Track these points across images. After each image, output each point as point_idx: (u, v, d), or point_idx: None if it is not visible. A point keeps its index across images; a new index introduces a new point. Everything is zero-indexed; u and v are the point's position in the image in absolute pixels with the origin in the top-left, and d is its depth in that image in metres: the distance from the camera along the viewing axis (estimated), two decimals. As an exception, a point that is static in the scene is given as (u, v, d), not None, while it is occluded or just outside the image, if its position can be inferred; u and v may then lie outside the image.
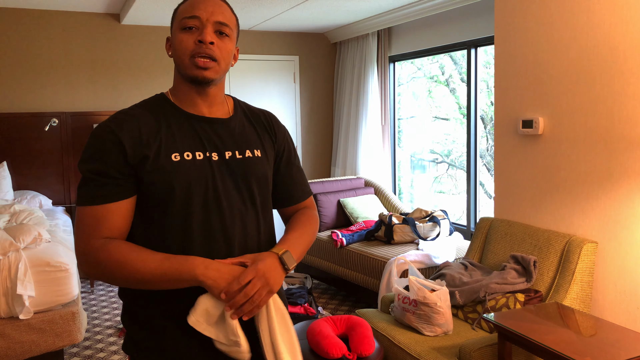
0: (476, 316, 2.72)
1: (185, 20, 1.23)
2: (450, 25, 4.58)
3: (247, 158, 1.30)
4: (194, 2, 1.25)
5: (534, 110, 2.94)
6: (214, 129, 1.29)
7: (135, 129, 1.21)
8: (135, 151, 1.19)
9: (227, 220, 1.25)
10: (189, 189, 1.21)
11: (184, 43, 1.23)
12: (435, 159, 5.66)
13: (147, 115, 1.25)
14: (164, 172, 1.20)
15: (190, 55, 1.22)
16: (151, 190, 1.20)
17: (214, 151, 1.27)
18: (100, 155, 1.18)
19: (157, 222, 1.22)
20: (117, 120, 1.22)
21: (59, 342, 3.10)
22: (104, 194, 1.17)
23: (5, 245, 2.97)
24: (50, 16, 4.96)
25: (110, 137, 1.19)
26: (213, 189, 1.24)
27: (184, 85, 1.28)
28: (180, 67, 1.25)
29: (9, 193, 4.44)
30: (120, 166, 1.18)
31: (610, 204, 2.57)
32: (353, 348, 2.50)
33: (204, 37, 1.22)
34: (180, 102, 1.29)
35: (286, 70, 5.97)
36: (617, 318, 2.55)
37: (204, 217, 1.23)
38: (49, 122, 4.92)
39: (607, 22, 2.53)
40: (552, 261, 2.69)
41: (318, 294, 4.56)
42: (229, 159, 1.28)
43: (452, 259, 3.72)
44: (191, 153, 1.23)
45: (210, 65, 1.23)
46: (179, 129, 1.25)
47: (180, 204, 1.21)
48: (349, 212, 4.58)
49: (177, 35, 1.25)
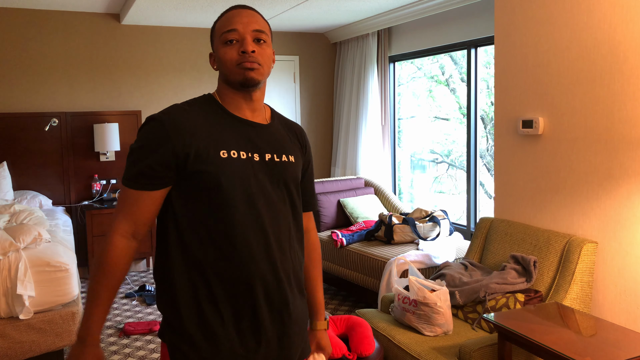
0: (476, 316, 2.72)
1: (225, 35, 1.35)
2: (450, 25, 4.57)
3: (284, 162, 1.42)
4: (230, 16, 1.37)
5: (534, 110, 2.94)
6: (257, 133, 1.40)
7: (186, 124, 1.31)
8: (184, 147, 1.29)
9: (264, 215, 1.35)
10: (233, 183, 1.32)
11: (227, 55, 1.35)
12: (435, 159, 5.66)
13: (198, 111, 1.35)
14: (213, 165, 1.30)
15: (236, 64, 1.34)
16: (199, 181, 1.30)
17: (256, 152, 1.38)
18: (148, 144, 1.30)
19: (201, 211, 1.32)
20: (169, 114, 1.32)
21: (59, 342, 3.10)
22: (144, 182, 1.30)
23: (5, 245, 2.97)
24: (50, 16, 4.96)
25: (161, 127, 1.29)
26: (254, 185, 1.35)
27: (229, 91, 1.39)
28: (228, 76, 1.36)
29: (9, 193, 4.44)
30: (165, 160, 1.29)
31: (610, 204, 2.57)
32: (353, 348, 2.50)
33: (246, 47, 1.33)
34: (228, 105, 1.40)
35: (286, 70, 5.97)
36: (617, 318, 2.55)
37: (244, 211, 1.33)
38: (49, 122, 4.92)
39: (607, 22, 2.53)
40: (552, 261, 2.69)
41: (318, 294, 4.55)
42: (268, 161, 1.39)
43: (452, 259, 3.72)
44: (236, 152, 1.34)
45: (256, 66, 1.34)
46: (226, 129, 1.36)
47: (225, 196, 1.31)
48: (349, 212, 4.58)
49: (220, 49, 1.36)
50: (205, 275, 1.32)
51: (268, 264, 1.34)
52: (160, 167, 1.29)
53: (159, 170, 1.29)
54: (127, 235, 1.32)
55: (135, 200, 1.31)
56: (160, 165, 1.29)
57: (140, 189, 1.30)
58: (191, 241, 1.32)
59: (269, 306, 1.35)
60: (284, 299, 1.38)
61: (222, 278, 1.32)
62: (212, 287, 1.32)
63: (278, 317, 1.37)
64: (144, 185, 1.30)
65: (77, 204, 5.08)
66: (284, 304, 1.38)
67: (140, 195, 1.31)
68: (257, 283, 1.33)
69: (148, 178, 1.30)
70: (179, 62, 5.48)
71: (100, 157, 5.16)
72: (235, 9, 1.39)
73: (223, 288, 1.32)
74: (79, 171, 5.09)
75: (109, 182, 5.18)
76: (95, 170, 5.14)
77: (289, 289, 1.39)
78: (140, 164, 1.30)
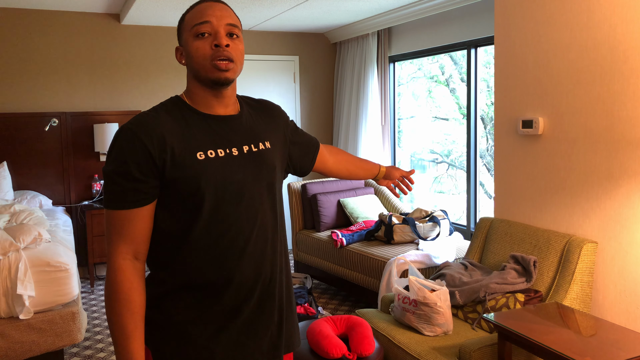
0: (476, 316, 2.72)
1: (197, 27, 1.28)
2: (450, 25, 4.57)
3: (261, 150, 1.39)
4: (202, 8, 1.31)
5: (534, 110, 2.94)
6: (230, 126, 1.35)
7: (157, 130, 1.25)
8: (160, 152, 1.23)
9: (251, 210, 1.33)
10: (216, 184, 1.27)
11: (200, 50, 1.28)
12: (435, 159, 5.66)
13: (166, 116, 1.29)
14: (192, 170, 1.25)
15: (210, 60, 1.27)
16: (181, 188, 1.25)
17: (233, 147, 1.33)
18: (124, 158, 1.23)
19: (187, 218, 1.27)
20: (138, 122, 1.26)
21: (59, 342, 3.10)
22: (131, 199, 1.23)
23: (5, 245, 2.97)
24: (50, 16, 4.96)
25: (133, 139, 1.23)
26: (238, 181, 1.31)
27: (199, 89, 1.33)
28: (200, 72, 1.30)
29: (9, 193, 4.44)
30: (145, 168, 1.23)
31: (610, 204, 2.57)
32: (353, 348, 2.50)
33: (220, 40, 1.27)
34: (197, 104, 1.34)
35: (286, 70, 5.97)
36: (617, 318, 2.55)
37: (233, 209, 1.30)
38: (49, 122, 4.92)
39: (607, 22, 2.53)
40: (552, 261, 2.69)
41: (318, 294, 4.56)
42: (247, 153, 1.35)
43: (452, 259, 3.72)
44: (213, 151, 1.30)
45: (230, 67, 1.29)
46: (198, 129, 1.30)
47: (211, 198, 1.27)
48: (349, 212, 4.58)
49: (191, 42, 1.30)
50: (196, 279, 1.28)
51: (254, 261, 1.33)
52: (145, 179, 1.23)
53: (144, 182, 1.23)
54: (128, 257, 1.26)
55: (127, 220, 1.24)
56: (145, 177, 1.23)
57: (129, 207, 1.24)
58: (179, 252, 1.28)
59: (261, 305, 1.35)
60: (272, 295, 1.37)
61: (213, 282, 1.29)
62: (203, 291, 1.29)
63: (267, 313, 1.37)
64: (133, 203, 1.24)
65: (77, 204, 5.08)
66: (274, 299, 1.38)
67: (130, 215, 1.24)
68: (245, 282, 1.31)
69: (135, 194, 1.23)
70: (179, 62, 5.48)
71: (101, 157, 5.16)
72: (206, 2, 1.32)
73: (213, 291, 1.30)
74: (79, 171, 5.09)
75: (109, 182, 5.18)
76: (95, 170, 5.14)
77: (280, 284, 1.40)
78: (123, 181, 1.23)
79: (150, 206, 1.26)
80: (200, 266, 1.28)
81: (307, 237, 4.60)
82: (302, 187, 4.76)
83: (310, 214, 4.70)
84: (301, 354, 2.55)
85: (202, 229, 1.27)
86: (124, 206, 1.24)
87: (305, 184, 4.76)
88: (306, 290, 4.08)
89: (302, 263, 4.73)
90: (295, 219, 4.79)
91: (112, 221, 1.25)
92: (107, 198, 1.26)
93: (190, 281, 1.29)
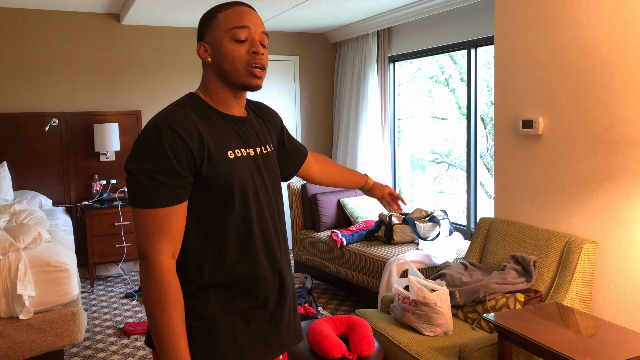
0: (476, 316, 2.72)
1: (236, 30, 1.31)
2: (450, 25, 4.57)
3: (268, 152, 1.44)
4: (240, 12, 1.34)
5: (534, 110, 2.94)
6: (246, 128, 1.40)
7: (193, 127, 1.25)
8: (200, 150, 1.24)
9: (266, 208, 1.38)
10: (245, 182, 1.32)
11: (237, 52, 1.31)
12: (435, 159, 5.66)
13: (195, 115, 1.30)
14: (226, 168, 1.28)
15: (245, 65, 1.32)
16: (214, 186, 1.27)
17: (250, 147, 1.38)
18: (166, 153, 1.20)
19: (219, 215, 1.29)
20: (173, 118, 1.24)
21: (59, 342, 3.10)
22: (171, 196, 1.22)
23: (5, 245, 2.97)
24: (50, 16, 4.96)
25: (173, 135, 1.22)
26: (257, 181, 1.36)
27: (222, 89, 1.36)
28: (232, 74, 1.32)
29: (9, 193, 4.44)
30: (186, 165, 1.22)
31: (610, 204, 2.57)
32: (353, 348, 2.50)
33: (258, 48, 1.33)
34: (216, 104, 1.37)
35: (286, 70, 5.97)
36: (617, 318, 2.55)
37: (256, 207, 1.35)
38: (49, 122, 4.92)
39: (607, 22, 2.53)
40: (552, 261, 2.69)
41: (318, 294, 4.56)
42: (259, 154, 1.40)
43: (452, 259, 3.72)
44: (239, 150, 1.34)
45: (263, 75, 1.35)
46: (223, 129, 1.33)
47: (240, 197, 1.30)
48: (349, 212, 4.58)
49: (227, 43, 1.32)
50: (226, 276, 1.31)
51: (272, 257, 1.38)
52: (187, 174, 1.23)
53: (186, 178, 1.23)
54: (170, 256, 1.24)
55: (169, 218, 1.22)
56: (187, 172, 1.23)
57: (172, 204, 1.22)
58: (208, 250, 1.30)
59: (279, 298, 1.40)
60: (287, 288, 1.42)
61: (241, 278, 1.32)
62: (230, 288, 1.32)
63: (284, 305, 1.42)
64: (175, 199, 1.23)
65: (77, 204, 5.08)
66: (289, 292, 1.43)
67: (172, 212, 1.23)
68: (268, 276, 1.36)
69: (177, 190, 1.23)
70: (179, 62, 5.48)
71: (101, 157, 5.16)
72: (242, 6, 1.36)
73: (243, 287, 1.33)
74: (79, 171, 5.09)
75: (109, 182, 5.18)
76: (95, 170, 5.14)
77: (289, 279, 1.44)
78: (164, 177, 1.21)
79: (186, 203, 1.27)
80: (231, 263, 1.31)
81: (307, 237, 4.60)
82: (302, 187, 4.76)
83: (310, 214, 4.70)
84: (301, 354, 2.55)
85: (232, 227, 1.30)
86: (167, 203, 1.22)
87: (306, 184, 4.76)
88: (306, 290, 4.08)
89: (302, 263, 4.73)
90: (295, 219, 4.79)
91: (151, 220, 1.21)
92: (143, 196, 1.21)
93: (220, 279, 1.30)
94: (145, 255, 1.22)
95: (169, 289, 1.21)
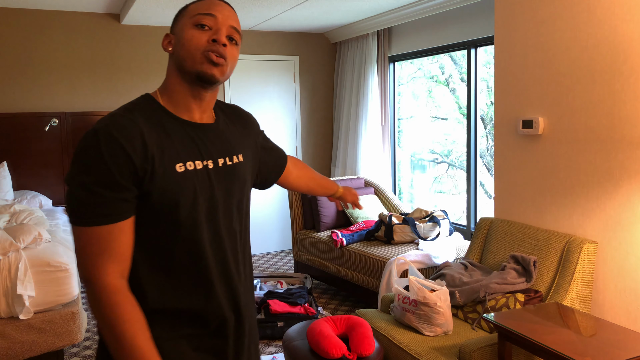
0: (476, 316, 2.72)
1: (200, 17, 1.19)
2: (450, 25, 4.57)
3: (235, 164, 1.29)
4: (212, 3, 1.23)
5: (534, 110, 2.94)
6: (207, 136, 1.24)
7: (137, 135, 1.11)
8: (143, 162, 1.10)
9: (224, 229, 1.24)
10: (195, 199, 1.17)
11: (195, 39, 1.18)
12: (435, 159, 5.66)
13: (142, 120, 1.15)
14: (170, 183, 1.13)
15: (202, 51, 1.17)
16: (160, 203, 1.13)
17: (209, 159, 1.22)
18: (107, 165, 1.07)
19: (164, 237, 1.15)
20: (115, 125, 1.11)
21: (59, 342, 3.09)
22: (114, 211, 1.09)
23: (5, 245, 2.97)
24: (50, 16, 4.96)
25: (113, 144, 1.08)
26: (214, 197, 1.21)
27: (180, 86, 1.21)
28: (186, 62, 1.18)
29: (9, 193, 4.44)
30: (128, 177, 1.09)
31: (610, 204, 2.57)
32: (353, 348, 2.50)
33: (220, 37, 1.18)
34: (174, 106, 1.22)
35: (286, 70, 5.97)
36: (617, 318, 2.55)
37: (209, 227, 1.20)
38: (49, 122, 4.91)
39: (607, 22, 2.53)
40: (552, 261, 2.69)
41: (318, 294, 4.56)
42: (222, 167, 1.25)
43: (452, 259, 3.72)
44: (192, 162, 1.18)
45: (221, 62, 1.18)
46: (177, 137, 1.18)
47: (188, 217, 1.16)
48: (349, 212, 4.58)
49: (187, 30, 1.19)
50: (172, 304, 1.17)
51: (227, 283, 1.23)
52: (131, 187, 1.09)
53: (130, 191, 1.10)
54: (118, 277, 1.10)
55: (113, 236, 1.09)
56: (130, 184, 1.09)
57: (116, 220, 1.09)
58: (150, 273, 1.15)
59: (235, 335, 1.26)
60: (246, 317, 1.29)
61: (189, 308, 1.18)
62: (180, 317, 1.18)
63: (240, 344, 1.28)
64: (120, 215, 1.09)
65: (77, 204, 5.08)
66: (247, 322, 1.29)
67: (116, 229, 1.09)
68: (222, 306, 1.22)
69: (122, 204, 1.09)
70: (179, 62, 5.48)
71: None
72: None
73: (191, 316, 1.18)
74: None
75: (109, 182, 5.18)
76: (95, 170, 5.14)
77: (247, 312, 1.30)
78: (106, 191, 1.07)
79: (132, 219, 1.12)
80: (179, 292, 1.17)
81: (307, 237, 4.60)
82: (302, 187, 4.76)
83: (310, 214, 4.70)
84: (301, 354, 2.55)
85: (179, 251, 1.16)
86: (110, 220, 1.08)
87: (305, 184, 4.76)
88: (306, 290, 4.08)
89: (302, 263, 4.73)
90: (295, 219, 4.79)
91: (93, 239, 1.08)
92: (83, 213, 1.08)
93: (165, 306, 1.16)
94: (90, 280, 1.08)
95: (125, 310, 1.08)
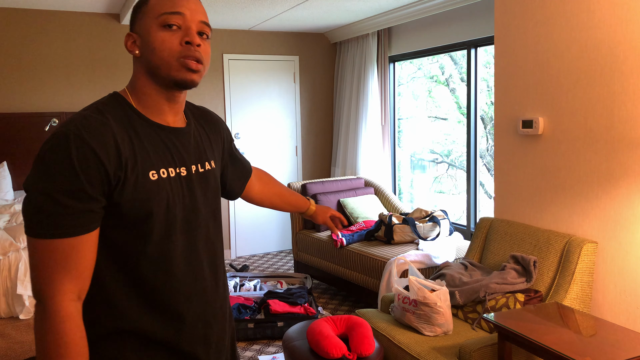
0: (476, 316, 2.72)
1: (166, 17, 1.09)
2: (450, 25, 4.58)
3: (207, 171, 1.22)
4: None
5: (534, 110, 2.94)
6: (180, 141, 1.17)
7: (110, 139, 1.02)
8: (116, 169, 1.02)
9: (201, 238, 1.18)
10: (169, 210, 1.10)
11: (167, 43, 1.09)
12: (435, 159, 5.66)
13: (115, 124, 1.06)
14: (143, 192, 1.06)
15: (177, 57, 1.09)
16: (131, 213, 1.05)
17: (182, 166, 1.16)
18: (75, 171, 0.98)
19: (132, 250, 1.07)
20: (86, 127, 1.01)
21: (59, 342, 3.09)
22: (78, 223, 0.99)
23: (5, 245, 2.97)
24: (50, 16, 4.96)
25: (83, 148, 0.99)
26: (187, 206, 1.15)
27: (152, 89, 1.13)
28: (161, 69, 1.10)
29: (9, 193, 4.44)
30: (98, 185, 1.00)
31: (610, 204, 2.57)
32: (353, 348, 2.50)
33: (192, 38, 1.10)
34: (145, 108, 1.13)
35: (286, 70, 5.97)
36: (617, 318, 2.55)
37: (184, 239, 1.14)
38: (49, 122, 4.91)
39: (607, 22, 2.53)
40: (552, 261, 2.69)
41: (318, 294, 4.56)
42: (195, 174, 1.18)
43: (452, 259, 3.72)
44: (165, 170, 1.11)
45: (199, 68, 1.11)
46: (149, 142, 1.10)
47: (161, 227, 1.09)
48: (349, 212, 4.58)
49: (155, 32, 1.09)
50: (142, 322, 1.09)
51: (202, 298, 1.17)
52: (99, 197, 1.00)
53: (97, 202, 1.00)
54: (74, 298, 1.00)
55: (74, 250, 0.99)
56: (98, 195, 1.00)
57: (79, 233, 0.99)
58: (117, 286, 1.07)
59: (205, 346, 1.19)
60: (225, 331, 1.25)
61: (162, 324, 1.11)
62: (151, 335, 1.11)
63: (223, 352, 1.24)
64: (83, 227, 0.99)
65: (77, 204, 5.08)
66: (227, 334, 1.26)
67: (78, 243, 0.99)
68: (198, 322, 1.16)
69: (87, 216, 1.00)
70: (179, 62, 5.49)
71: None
72: None
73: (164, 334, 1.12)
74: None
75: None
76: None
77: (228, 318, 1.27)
78: (71, 201, 0.98)
79: (97, 232, 1.03)
80: (148, 306, 1.09)
81: (307, 237, 4.60)
82: (302, 187, 4.76)
83: (310, 214, 4.70)
84: (301, 354, 2.55)
85: (149, 263, 1.08)
86: (73, 232, 0.98)
87: (305, 183, 4.76)
88: (306, 290, 4.08)
89: (302, 263, 4.73)
90: (296, 219, 4.79)
91: (51, 253, 0.98)
92: (43, 223, 0.97)
93: (136, 324, 1.09)
94: (43, 298, 0.98)
95: (72, 341, 0.98)
